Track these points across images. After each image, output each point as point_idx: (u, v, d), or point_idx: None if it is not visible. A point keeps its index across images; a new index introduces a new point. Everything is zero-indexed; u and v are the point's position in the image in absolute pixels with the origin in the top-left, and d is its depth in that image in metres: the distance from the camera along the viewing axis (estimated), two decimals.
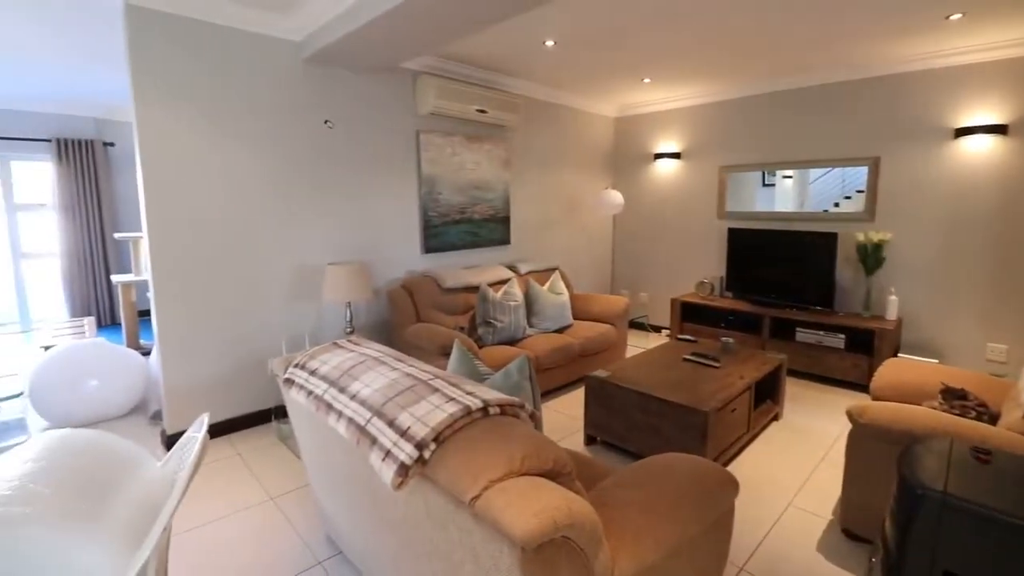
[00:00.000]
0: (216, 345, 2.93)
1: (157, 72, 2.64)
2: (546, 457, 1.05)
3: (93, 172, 5.53)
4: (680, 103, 5.08)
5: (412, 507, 1.17)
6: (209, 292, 2.88)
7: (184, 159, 2.76)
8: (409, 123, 3.76)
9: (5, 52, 3.56)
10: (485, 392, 1.25)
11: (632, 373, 2.81)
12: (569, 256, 5.33)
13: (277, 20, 2.95)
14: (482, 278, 3.81)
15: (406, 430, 1.11)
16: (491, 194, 4.40)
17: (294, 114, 3.14)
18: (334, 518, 1.76)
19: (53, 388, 2.90)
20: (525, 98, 4.55)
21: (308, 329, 3.29)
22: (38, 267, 5.57)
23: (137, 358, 3.22)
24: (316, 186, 3.29)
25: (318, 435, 1.55)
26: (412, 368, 1.42)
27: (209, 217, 2.86)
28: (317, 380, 1.47)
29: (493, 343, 3.48)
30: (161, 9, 2.61)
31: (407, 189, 3.81)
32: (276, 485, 2.43)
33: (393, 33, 2.68)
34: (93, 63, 3.83)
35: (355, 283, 3.10)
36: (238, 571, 1.86)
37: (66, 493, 1.02)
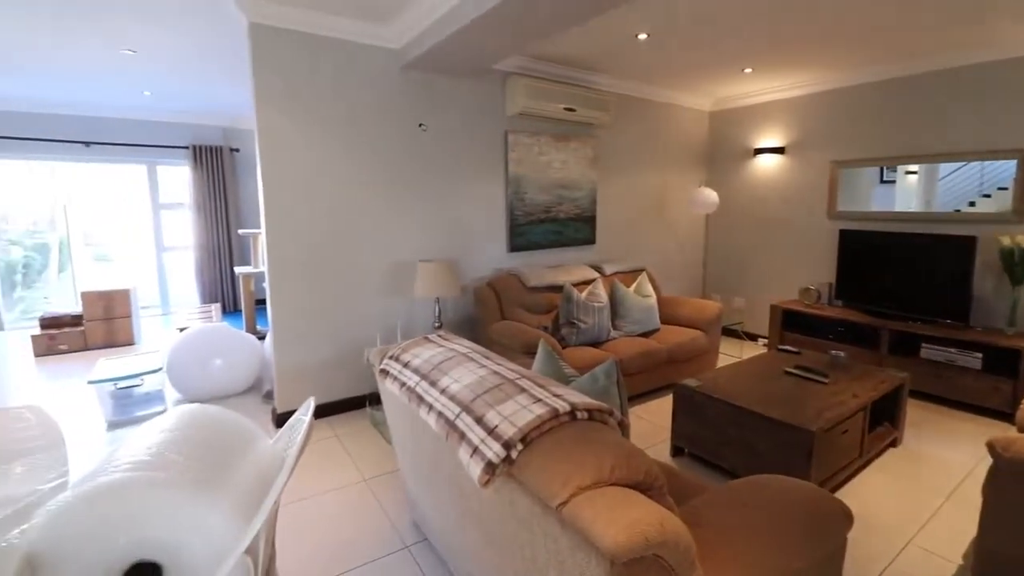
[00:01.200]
0: (320, 333, 3.17)
1: (274, 83, 2.90)
2: (637, 468, 1.01)
3: (221, 175, 6.22)
4: (785, 93, 4.69)
5: (497, 505, 1.18)
6: (315, 285, 3.13)
7: (296, 163, 3.01)
8: (498, 124, 3.82)
9: (155, 72, 4.10)
10: (572, 395, 1.23)
11: (726, 384, 2.64)
12: (657, 257, 5.14)
13: (378, 30, 3.12)
14: (566, 278, 3.78)
15: (493, 428, 1.12)
16: (577, 193, 4.35)
17: (392, 119, 3.32)
18: (421, 505, 1.83)
19: (185, 365, 3.31)
20: (614, 95, 4.44)
21: (400, 322, 3.46)
22: (176, 259, 6.38)
23: (254, 342, 3.58)
24: (410, 187, 3.44)
25: (409, 425, 1.61)
26: (499, 366, 1.43)
27: (317, 216, 3.10)
28: (410, 372, 1.53)
29: (576, 344, 3.44)
30: (278, 25, 2.87)
31: (494, 189, 3.87)
32: (369, 468, 2.59)
33: (487, 35, 2.73)
34: (222, 78, 4.30)
35: (444, 280, 3.21)
36: (333, 545, 2.00)
37: (195, 462, 1.15)
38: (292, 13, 2.85)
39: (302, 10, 2.86)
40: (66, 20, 3.01)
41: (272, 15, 2.82)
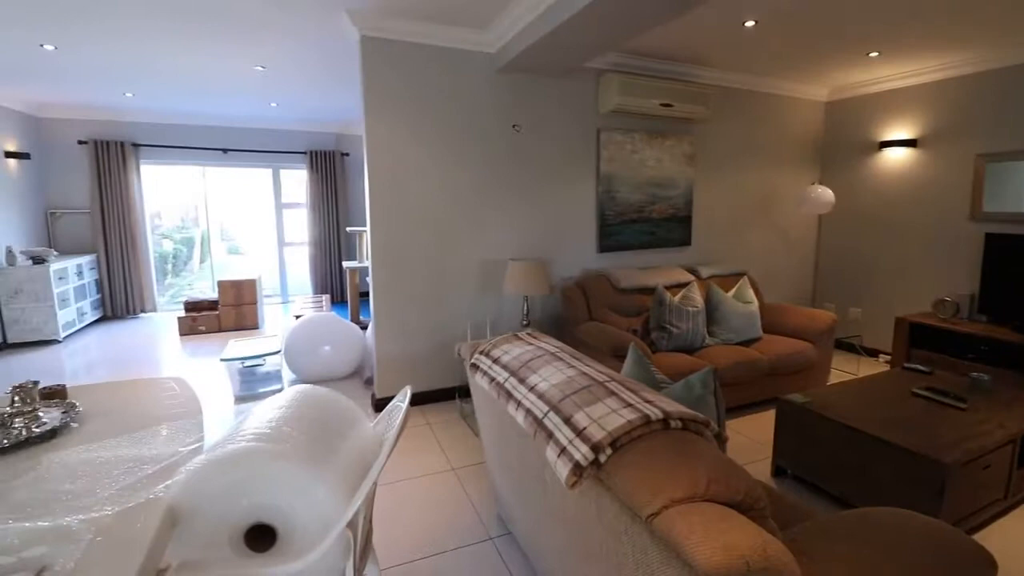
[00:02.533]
0: (416, 326, 3.35)
1: (382, 90, 3.10)
2: (736, 485, 0.94)
3: (333, 177, 6.78)
4: (918, 78, 4.14)
5: (583, 508, 1.16)
6: (413, 280, 3.31)
7: (399, 165, 3.19)
8: (590, 122, 3.77)
9: (281, 85, 4.56)
10: (665, 402, 1.18)
11: (840, 402, 2.39)
12: (761, 261, 4.78)
13: (476, 35, 3.22)
14: (658, 280, 3.64)
15: (582, 430, 1.11)
16: (672, 192, 4.17)
17: (487, 120, 3.40)
18: (506, 500, 1.86)
19: (299, 349, 3.65)
20: (715, 87, 4.20)
21: (490, 318, 3.54)
22: (294, 253, 7.06)
23: (358, 331, 3.86)
24: (503, 187, 3.51)
25: (497, 419, 1.65)
26: (588, 367, 1.41)
27: (417, 215, 3.27)
28: (499, 368, 1.56)
29: (667, 350, 3.30)
30: (386, 37, 3.06)
31: (585, 188, 3.83)
32: (457, 457, 2.68)
33: (580, 34, 2.70)
34: (336, 88, 4.67)
35: (533, 278, 3.24)
36: (422, 527, 2.09)
37: (306, 437, 1.25)
38: (398, 25, 3.03)
39: (407, 21, 3.02)
40: (212, 42, 3.44)
41: (380, 28, 3.01)
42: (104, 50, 3.59)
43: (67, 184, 5.79)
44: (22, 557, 0.91)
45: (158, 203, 6.80)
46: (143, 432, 1.42)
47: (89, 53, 3.66)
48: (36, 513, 1.05)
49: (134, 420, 1.50)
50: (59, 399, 1.58)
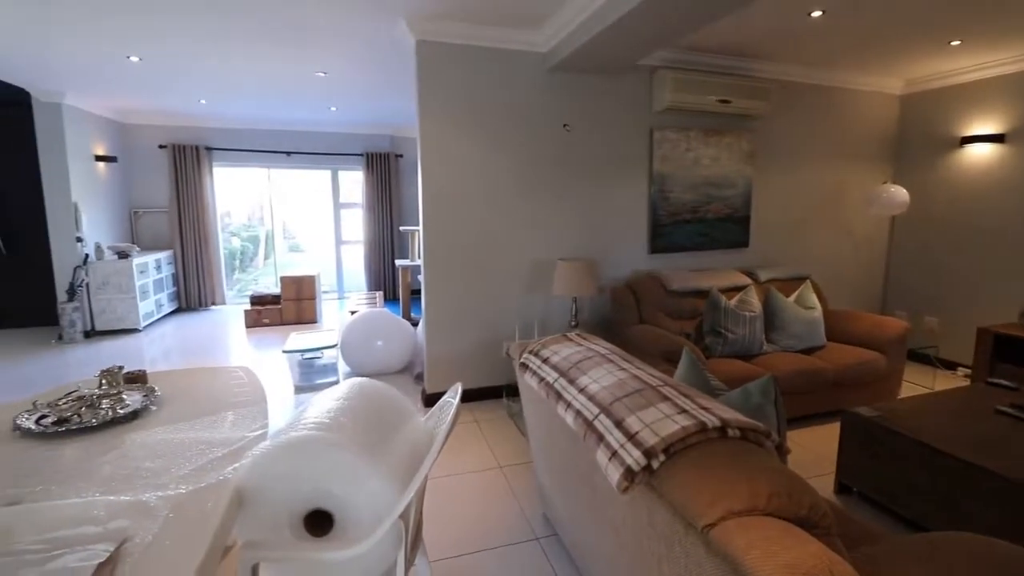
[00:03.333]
0: (466, 324, 3.39)
1: (435, 92, 3.16)
2: (800, 500, 0.90)
3: (387, 178, 6.98)
4: (1006, 67, 3.78)
5: (634, 513, 1.14)
6: (463, 279, 3.35)
7: (451, 165, 3.25)
8: (643, 120, 3.69)
9: (340, 90, 4.74)
10: (722, 410, 1.14)
11: (913, 417, 2.22)
12: (825, 264, 4.52)
13: (528, 35, 3.22)
14: (713, 283, 3.51)
15: (634, 434, 1.09)
16: (729, 191, 4.02)
17: (538, 120, 3.40)
18: (553, 501, 1.85)
19: (354, 343, 3.79)
20: (776, 82, 4.00)
21: (537, 318, 3.54)
22: (350, 251, 7.33)
23: (409, 328, 3.97)
24: (552, 186, 3.50)
25: (545, 419, 1.64)
26: (639, 371, 1.39)
27: (468, 215, 3.32)
28: (548, 368, 1.55)
29: (722, 355, 3.18)
30: (440, 40, 3.12)
31: (636, 188, 3.75)
32: (504, 455, 2.70)
33: (634, 31, 2.65)
34: (391, 91, 4.81)
35: (582, 279, 3.21)
36: (469, 523, 2.12)
37: (362, 428, 1.30)
38: (452, 28, 3.08)
39: (461, 25, 3.07)
40: (278, 52, 3.62)
41: (435, 32, 3.08)
42: (182, 61, 3.86)
43: (148, 185, 6.27)
44: (107, 528, 0.99)
45: (227, 203, 7.24)
46: (213, 417, 1.51)
47: (169, 63, 3.94)
48: (119, 488, 1.14)
49: (205, 405, 1.60)
50: (140, 383, 1.71)
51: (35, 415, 1.45)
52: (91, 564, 0.87)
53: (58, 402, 1.52)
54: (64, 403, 1.51)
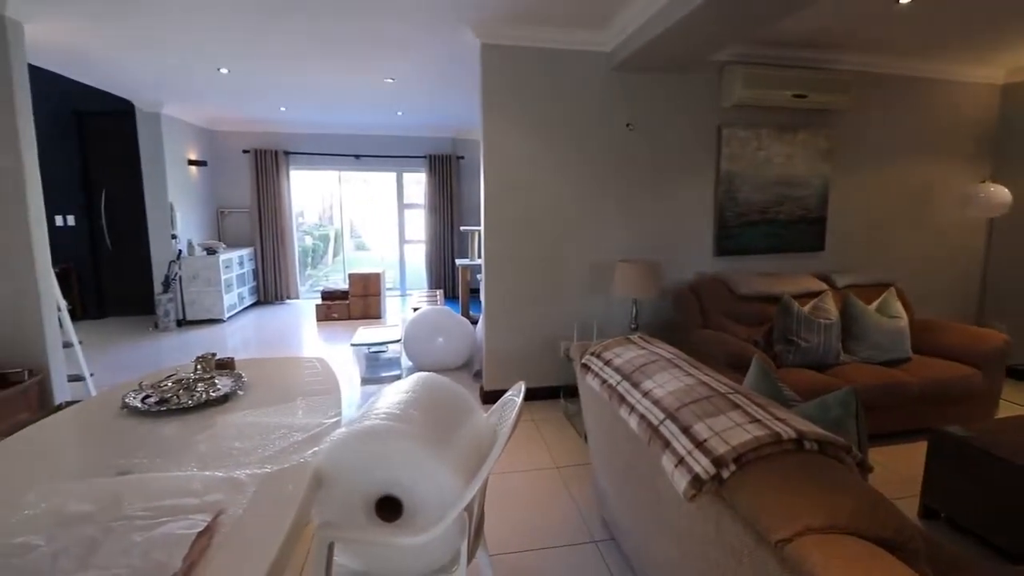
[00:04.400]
0: (524, 324, 3.43)
1: (499, 94, 3.21)
2: (885, 521, 0.84)
3: (449, 180, 7.16)
4: None
5: (701, 523, 1.11)
6: (523, 279, 3.39)
7: (513, 166, 3.29)
8: (710, 118, 3.57)
9: (406, 95, 4.91)
10: (799, 422, 1.09)
11: (1013, 440, 2.02)
12: (911, 270, 4.17)
13: (592, 35, 3.20)
14: (785, 288, 3.34)
15: (702, 441, 1.06)
16: (802, 191, 3.80)
17: (600, 120, 3.37)
18: (611, 504, 1.84)
19: (416, 339, 3.92)
20: (859, 74, 3.73)
21: (596, 320, 3.51)
22: (412, 250, 7.57)
23: (469, 325, 4.05)
24: (614, 186, 3.46)
25: (607, 422, 1.63)
26: (708, 377, 1.35)
27: (529, 215, 3.35)
28: (611, 371, 1.55)
29: (793, 364, 3.02)
30: (504, 44, 3.17)
31: (702, 188, 3.64)
32: (561, 456, 2.70)
33: (704, 27, 2.56)
34: (455, 95, 4.92)
35: (643, 281, 3.15)
36: (525, 520, 2.14)
37: (429, 420, 1.35)
38: (516, 31, 3.11)
39: (525, 27, 3.10)
40: (351, 61, 3.80)
41: (500, 35, 3.12)
42: (265, 72, 4.14)
43: (233, 187, 6.78)
44: (204, 500, 1.09)
45: (301, 203, 7.67)
46: (293, 403, 1.62)
47: (254, 75, 4.24)
48: (213, 464, 1.25)
49: (286, 392, 1.72)
50: (229, 370, 1.86)
51: (140, 395, 1.61)
52: (192, 532, 0.96)
53: (160, 384, 1.68)
54: (165, 385, 1.67)
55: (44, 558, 0.89)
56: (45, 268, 2.92)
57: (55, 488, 1.12)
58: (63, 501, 1.07)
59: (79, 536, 0.95)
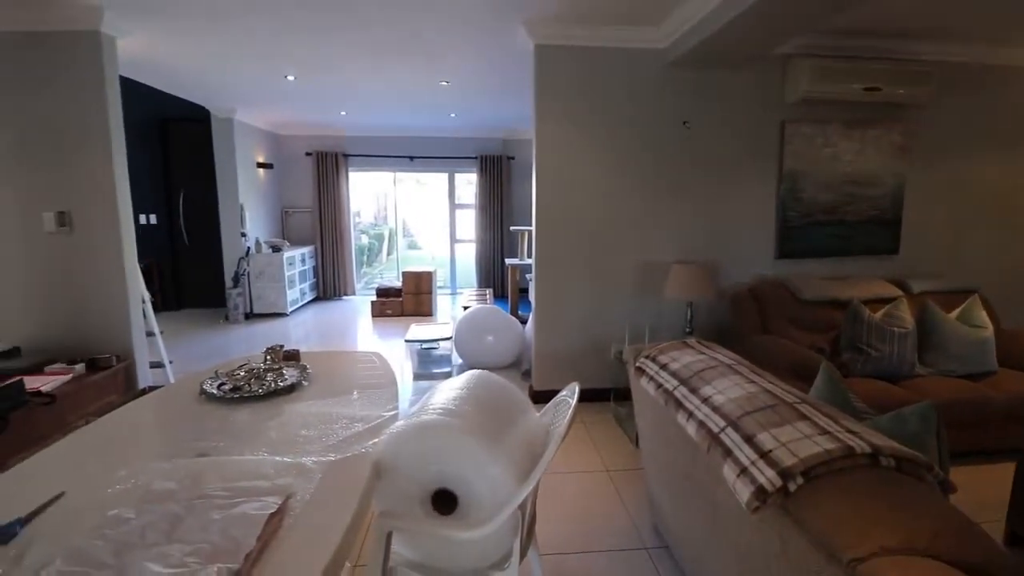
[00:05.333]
0: (574, 324, 3.41)
1: (552, 94, 3.21)
2: (972, 545, 0.78)
3: (499, 180, 7.22)
4: None
5: (763, 537, 1.07)
6: (573, 279, 3.37)
7: (565, 166, 3.28)
8: (773, 114, 3.42)
9: (460, 97, 4.98)
10: (873, 435, 1.03)
11: None
12: (998, 276, 3.82)
13: (646, 32, 3.14)
14: (853, 293, 3.15)
15: (767, 452, 1.02)
16: (874, 190, 3.57)
17: (654, 118, 3.31)
18: (665, 512, 1.80)
19: (467, 337, 3.99)
20: (938, 64, 3.44)
21: (648, 322, 3.44)
22: (463, 249, 7.70)
23: (518, 325, 4.08)
24: (668, 186, 3.38)
25: (661, 428, 1.60)
26: (771, 385, 1.30)
27: (580, 215, 3.32)
28: (667, 375, 1.51)
29: (862, 375, 2.84)
30: (558, 43, 3.16)
31: (763, 187, 3.48)
32: (611, 460, 2.67)
33: (774, 16, 2.45)
34: (507, 96, 4.95)
35: (698, 283, 3.06)
36: (574, 521, 2.13)
37: (483, 417, 1.36)
38: (570, 31, 3.10)
39: (579, 26, 3.07)
40: (408, 65, 3.91)
41: (554, 35, 3.12)
42: (328, 77, 4.33)
43: (296, 188, 7.13)
44: (275, 483, 1.16)
45: (358, 203, 7.95)
46: (353, 395, 1.69)
47: (318, 81, 4.44)
48: (282, 450, 1.32)
49: (346, 384, 1.79)
50: (295, 361, 1.96)
51: (216, 382, 1.73)
52: (264, 513, 1.02)
53: (233, 372, 1.79)
54: (238, 374, 1.78)
55: (134, 531, 0.97)
56: (132, 263, 3.18)
57: (143, 466, 1.22)
58: (150, 479, 1.17)
59: (164, 512, 1.03)
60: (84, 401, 2.73)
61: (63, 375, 2.71)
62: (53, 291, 3.06)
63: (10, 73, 2.90)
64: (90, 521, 0.99)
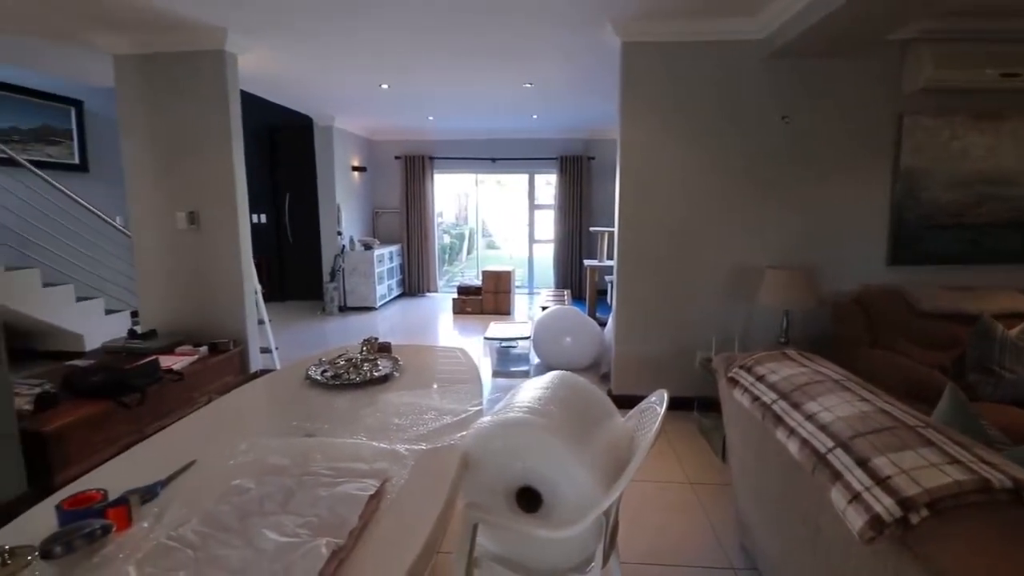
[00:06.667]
0: (656, 329, 3.31)
1: (639, 92, 3.13)
2: None
3: (579, 180, 7.16)
4: None
5: (876, 570, 0.98)
6: (657, 282, 3.28)
7: (652, 166, 3.19)
8: (887, 106, 3.10)
9: (543, 98, 5.00)
10: (1014, 468, 0.91)
11: None
12: None
13: (742, 24, 2.97)
14: (983, 305, 2.78)
15: (885, 479, 0.93)
16: (1011, 190, 3.14)
17: (748, 114, 3.12)
18: (756, 533, 1.70)
19: (545, 337, 4.00)
20: None
21: (737, 330, 3.26)
22: (541, 249, 7.73)
23: (596, 327, 4.03)
24: (762, 185, 3.18)
25: (755, 443, 1.51)
26: (888, 405, 1.18)
27: (666, 217, 3.22)
28: (764, 388, 1.43)
29: (994, 399, 2.49)
30: (646, 40, 3.08)
31: (873, 186, 3.17)
32: (694, 472, 2.56)
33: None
34: (590, 96, 4.90)
35: (796, 290, 2.85)
36: (655, 532, 2.07)
37: (568, 418, 1.36)
38: (659, 26, 3.00)
39: (669, 21, 2.97)
40: (493, 69, 3.99)
41: (642, 32, 3.04)
42: (419, 85, 4.53)
43: (386, 190, 7.54)
44: (372, 467, 1.23)
45: (440, 204, 8.25)
46: (441, 388, 1.76)
47: (409, 89, 4.66)
48: (377, 436, 1.41)
49: (434, 377, 1.88)
50: (387, 353, 2.08)
51: (320, 368, 1.87)
52: (365, 494, 1.09)
53: (334, 360, 1.94)
54: (338, 362, 1.92)
55: (254, 500, 1.08)
56: (248, 258, 3.53)
57: (259, 442, 1.35)
58: (265, 453, 1.29)
59: (279, 484, 1.13)
60: (205, 380, 3.08)
61: (190, 356, 3.07)
62: (183, 281, 3.48)
63: (150, 91, 3.33)
64: (217, 488, 1.11)
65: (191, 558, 0.89)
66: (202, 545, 0.92)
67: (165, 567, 0.87)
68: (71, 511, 0.98)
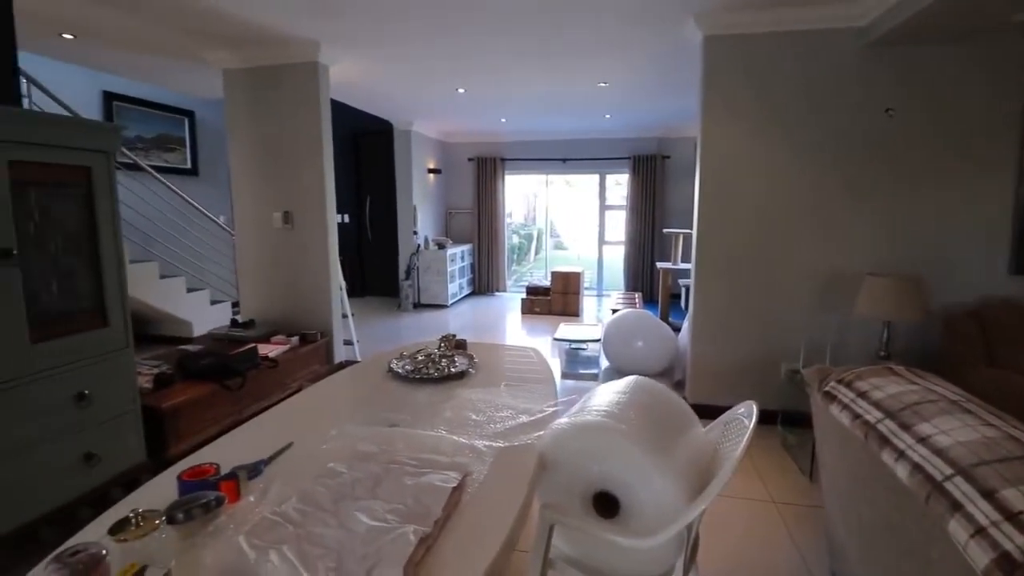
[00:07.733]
0: (736, 336, 3.15)
1: (722, 89, 2.99)
2: None
3: (652, 180, 6.96)
4: None
5: None
6: (738, 287, 3.11)
7: (734, 165, 3.04)
8: (1010, 96, 2.74)
9: (617, 97, 4.91)
10: None
11: None
12: None
13: (841, 10, 2.75)
14: None
15: (1016, 513, 0.83)
16: None
17: (845, 107, 2.89)
18: (851, 561, 1.57)
19: (616, 340, 3.93)
20: None
21: (829, 341, 3.02)
22: (611, 251, 7.60)
23: (670, 331, 3.90)
24: (860, 185, 2.93)
25: (853, 464, 1.40)
26: (1018, 431, 1.05)
27: (749, 218, 3.05)
28: (867, 405, 1.32)
29: None
30: (731, 32, 2.93)
31: (992, 185, 2.82)
32: (778, 491, 2.41)
33: None
34: (666, 93, 4.75)
35: (900, 300, 2.60)
36: (736, 551, 1.97)
37: (646, 424, 1.33)
38: (745, 17, 2.85)
39: (756, 12, 2.81)
40: (569, 69, 3.97)
41: (726, 24, 2.90)
42: (494, 88, 4.61)
43: (459, 191, 7.73)
44: (453, 460, 1.27)
45: (510, 204, 8.34)
46: (515, 387, 1.78)
47: (485, 91, 4.75)
48: (456, 431, 1.45)
49: (508, 376, 1.90)
50: (462, 350, 2.13)
51: (401, 362, 1.96)
52: (448, 486, 1.12)
53: (414, 355, 2.01)
54: (418, 357, 1.99)
55: (347, 483, 1.14)
56: (334, 256, 3.76)
57: (347, 429, 1.43)
58: (355, 440, 1.36)
59: (369, 470, 1.19)
60: (296, 368, 3.31)
61: (283, 345, 3.31)
62: (278, 276, 3.77)
63: (253, 101, 3.63)
64: (313, 470, 1.19)
65: (292, 534, 0.96)
66: (302, 522, 0.99)
67: (270, 540, 0.94)
68: (189, 482, 1.09)
